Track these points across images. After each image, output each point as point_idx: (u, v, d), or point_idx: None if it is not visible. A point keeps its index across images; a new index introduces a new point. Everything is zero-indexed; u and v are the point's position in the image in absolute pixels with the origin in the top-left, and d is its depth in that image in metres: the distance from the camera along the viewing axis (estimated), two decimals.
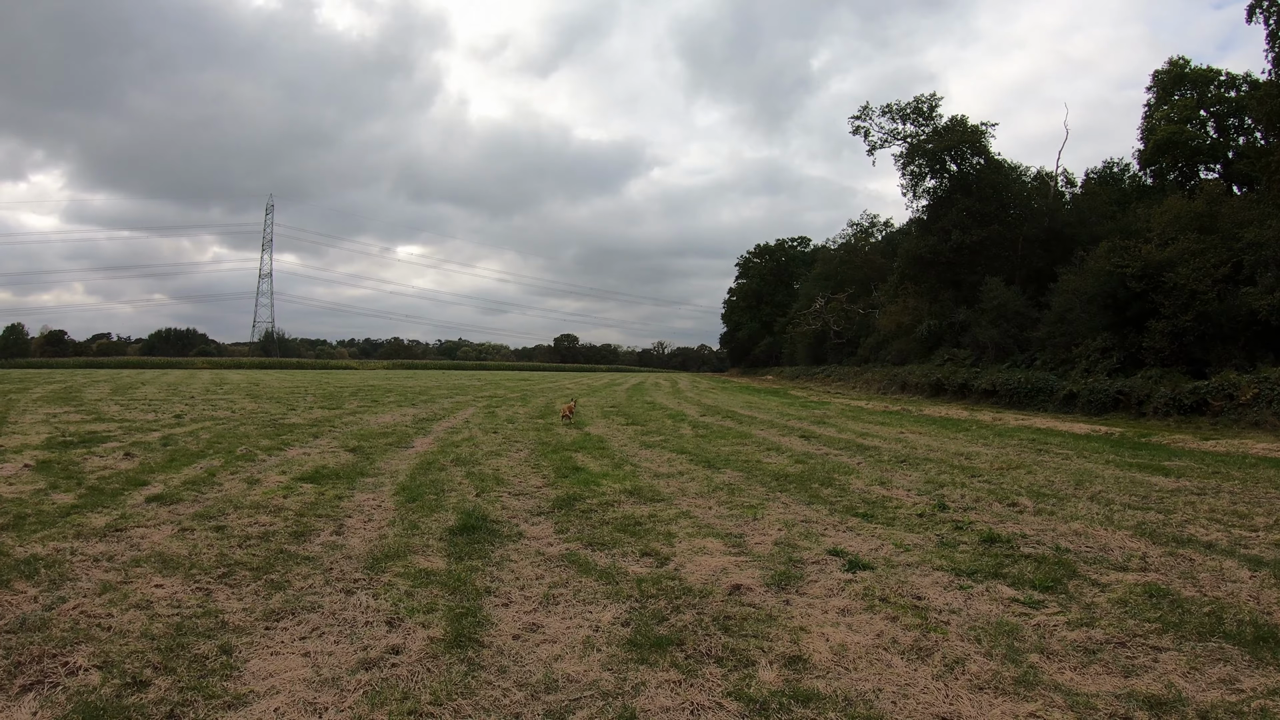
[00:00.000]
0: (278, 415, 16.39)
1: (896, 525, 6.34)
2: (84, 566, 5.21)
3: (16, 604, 4.49)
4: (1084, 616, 4.13)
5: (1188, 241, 21.65)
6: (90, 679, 3.50)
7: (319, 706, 3.10)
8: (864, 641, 3.71)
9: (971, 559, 5.24)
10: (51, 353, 78.11)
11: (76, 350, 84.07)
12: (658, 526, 6.15)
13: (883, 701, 3.08)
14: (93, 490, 7.72)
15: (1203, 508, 7.30)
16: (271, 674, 3.44)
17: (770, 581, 4.66)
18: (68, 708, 3.23)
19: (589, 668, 3.38)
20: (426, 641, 3.67)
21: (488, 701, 3.08)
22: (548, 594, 4.41)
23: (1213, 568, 5.17)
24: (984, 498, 7.59)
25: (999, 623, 3.98)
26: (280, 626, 4.03)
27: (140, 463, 9.45)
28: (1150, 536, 6.02)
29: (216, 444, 11.20)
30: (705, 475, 8.89)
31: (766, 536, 5.86)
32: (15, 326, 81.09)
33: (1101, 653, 3.64)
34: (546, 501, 7.18)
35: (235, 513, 6.71)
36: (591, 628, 3.87)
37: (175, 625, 4.05)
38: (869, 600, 4.30)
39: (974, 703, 3.07)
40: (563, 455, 10.36)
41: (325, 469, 9.06)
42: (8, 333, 79.95)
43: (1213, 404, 17.25)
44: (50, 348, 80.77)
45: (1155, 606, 4.32)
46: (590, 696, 3.09)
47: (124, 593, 4.64)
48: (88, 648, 3.81)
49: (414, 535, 5.80)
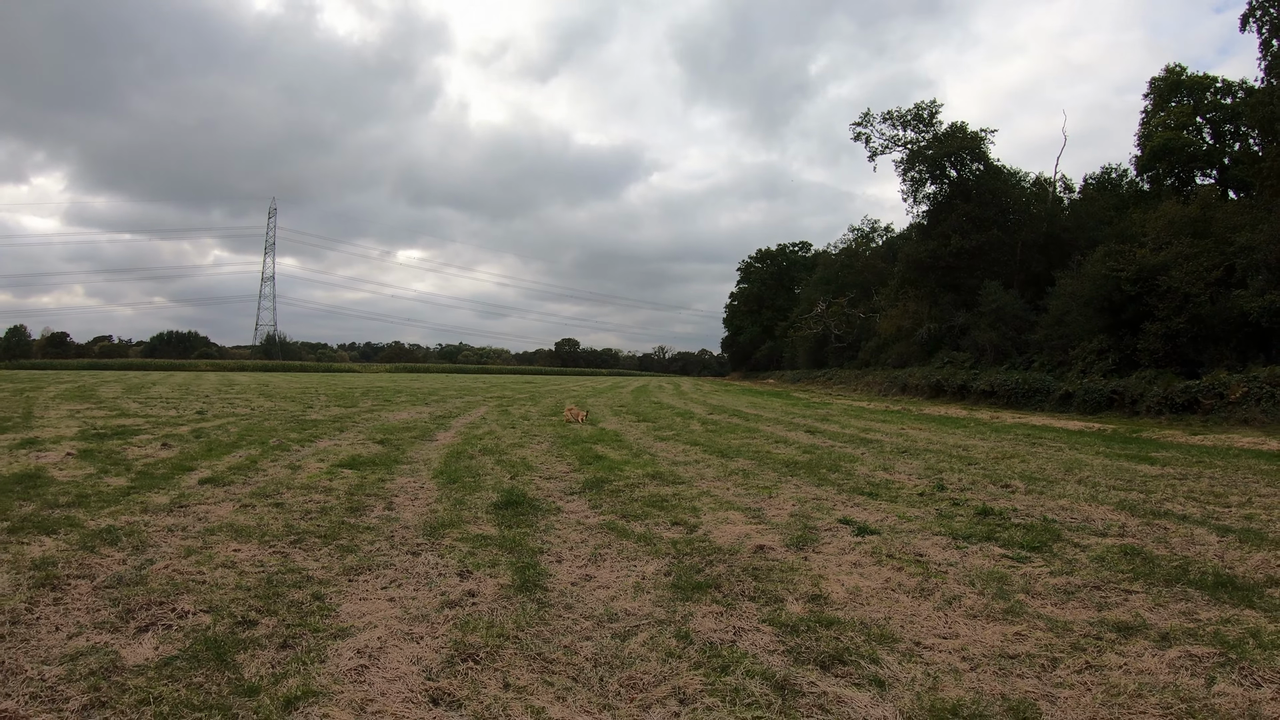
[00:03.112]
0: (297, 412, 16.93)
1: (899, 502, 6.94)
2: (160, 535, 5.73)
3: (106, 565, 5.01)
4: (1065, 568, 4.72)
5: (1181, 246, 22.26)
6: (201, 620, 4.04)
7: (415, 635, 3.67)
8: (874, 585, 4.30)
9: (967, 527, 5.83)
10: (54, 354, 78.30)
11: (78, 352, 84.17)
12: (682, 503, 6.74)
13: (892, 625, 3.67)
14: (142, 475, 8.21)
15: (1182, 489, 7.88)
16: (365, 614, 4.00)
17: (789, 543, 5.25)
18: (186, 642, 3.76)
19: (642, 605, 3.96)
20: (498, 588, 4.25)
21: (561, 628, 3.66)
22: (594, 553, 5.00)
23: (1184, 534, 5.75)
24: (979, 481, 8.19)
25: (990, 572, 4.57)
26: (361, 580, 4.59)
27: (180, 451, 9.96)
28: (1130, 510, 6.60)
29: (247, 436, 11.72)
30: (720, 463, 9.47)
31: (782, 510, 6.46)
32: (18, 328, 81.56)
33: (1079, 593, 4.23)
34: (576, 484, 7.76)
35: (289, 492, 7.25)
36: (638, 577, 4.45)
37: (264, 579, 4.60)
38: (877, 556, 4.90)
39: (969, 626, 3.66)
40: (583, 446, 10.94)
41: (360, 457, 9.61)
42: (10, 334, 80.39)
43: (1203, 402, 17.82)
44: (52, 349, 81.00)
45: (1129, 561, 4.91)
46: (648, 623, 3.68)
47: (207, 555, 5.17)
48: (190, 597, 4.35)
49: (462, 509, 6.37)
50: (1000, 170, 36.90)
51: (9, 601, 4.16)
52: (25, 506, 6.37)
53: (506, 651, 3.33)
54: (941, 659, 3.27)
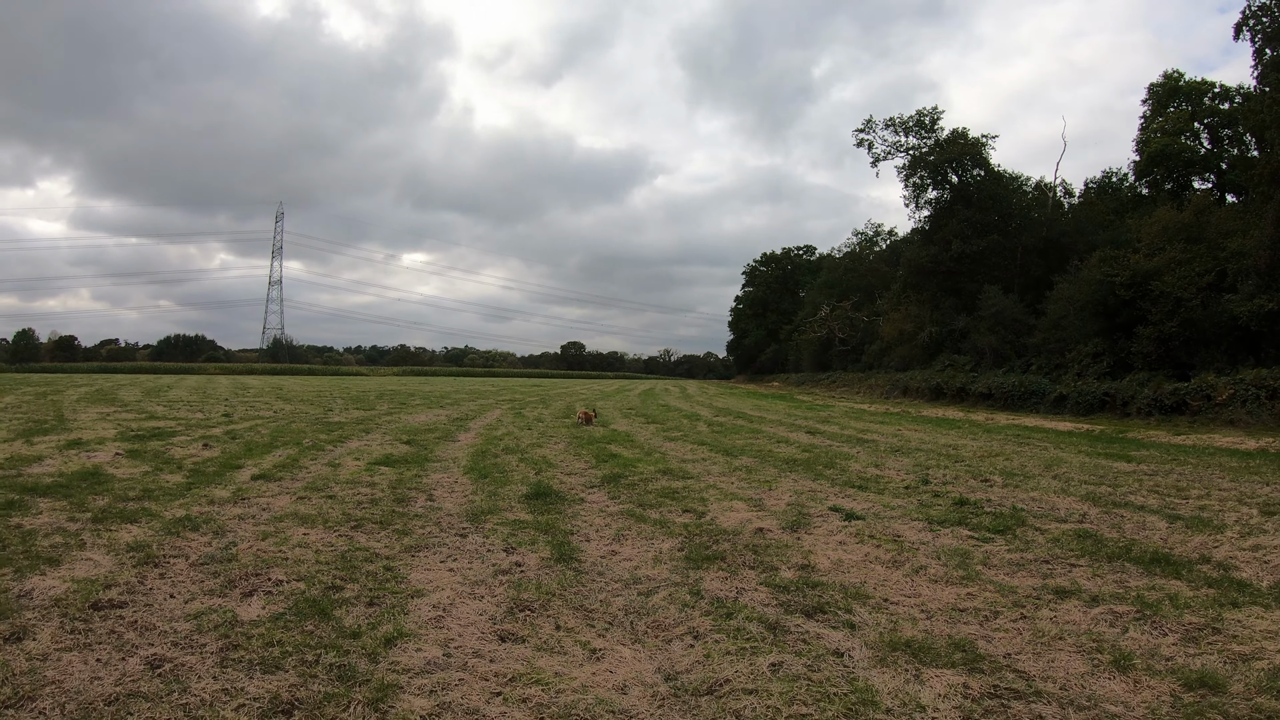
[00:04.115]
0: (319, 415, 17.73)
1: (886, 493, 7.74)
2: (233, 523, 6.51)
3: (194, 547, 5.80)
4: (1022, 547, 5.51)
5: (1174, 251, 22.93)
6: (295, 586, 4.84)
7: (477, 594, 4.48)
8: (854, 558, 5.10)
9: (943, 514, 6.63)
10: (62, 358, 78.83)
11: (86, 355, 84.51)
12: (692, 494, 7.55)
13: (866, 587, 4.47)
14: (195, 472, 8.96)
15: (1149, 484, 8.63)
16: (431, 580, 4.81)
17: (785, 526, 6.06)
18: (289, 603, 4.55)
19: (660, 571, 4.78)
20: (539, 560, 5.07)
21: (596, 589, 4.48)
22: (617, 534, 5.82)
23: (1137, 521, 6.52)
24: (962, 476, 8.98)
25: (955, 549, 5.37)
26: (420, 556, 5.40)
27: (222, 451, 10.72)
28: (1094, 501, 7.38)
29: (280, 437, 12.52)
30: (725, 460, 10.28)
31: (780, 500, 7.27)
32: (25, 332, 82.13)
33: (1028, 566, 5.02)
34: (595, 479, 8.58)
35: (336, 486, 8.06)
36: (656, 552, 5.27)
37: (339, 556, 5.41)
38: (860, 537, 5.70)
39: (930, 588, 4.46)
40: (598, 446, 11.76)
41: (392, 456, 10.42)
42: (18, 338, 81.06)
43: (1191, 404, 18.51)
44: (60, 352, 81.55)
45: (1080, 542, 5.68)
46: (666, 585, 4.49)
47: (282, 538, 5.96)
48: (280, 570, 5.15)
49: (497, 500, 7.20)
50: (1001, 175, 37.67)
51: (120, 576, 4.91)
52: (99, 500, 7.05)
53: (554, 604, 4.15)
54: (903, 611, 4.07)
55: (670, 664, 3.34)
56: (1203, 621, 4.09)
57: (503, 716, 2.90)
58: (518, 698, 3.05)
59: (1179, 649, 3.73)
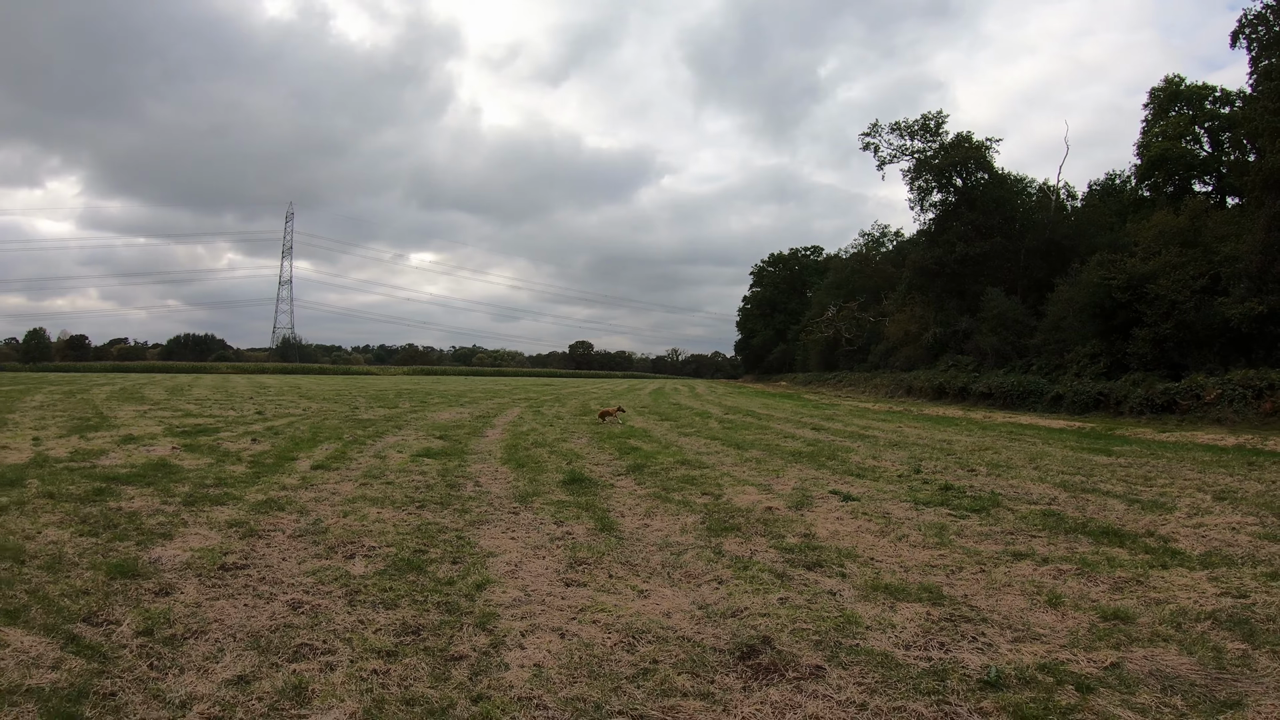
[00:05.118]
0: (348, 413, 18.64)
1: (881, 480, 8.73)
2: (312, 505, 7.45)
3: (286, 524, 6.75)
4: (992, 522, 6.50)
5: (1170, 255, 23.71)
6: (388, 550, 5.81)
7: (539, 555, 5.50)
8: (849, 530, 6.11)
9: (928, 497, 7.62)
10: (73, 357, 79.55)
11: (96, 354, 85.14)
12: (708, 480, 8.56)
13: (857, 550, 5.48)
14: (255, 464, 9.84)
15: (1120, 474, 9.57)
16: (498, 545, 5.82)
17: (791, 505, 7.07)
18: (386, 563, 5.51)
19: (687, 538, 5.80)
20: (585, 530, 6.09)
21: (636, 550, 5.50)
22: (648, 511, 6.84)
23: (1099, 504, 7.48)
24: (951, 466, 9.95)
25: (935, 523, 6.37)
26: (483, 529, 6.41)
27: (272, 446, 11.58)
28: (1065, 488, 8.34)
29: (320, 432, 13.47)
30: (736, 453, 11.28)
31: (787, 485, 8.28)
32: (37, 331, 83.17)
33: (995, 537, 6.01)
34: (621, 468, 9.59)
35: (391, 474, 9.05)
36: (682, 524, 6.30)
37: (415, 528, 6.39)
38: (855, 514, 6.71)
39: (909, 551, 5.46)
40: (619, 440, 12.78)
41: (432, 450, 11.43)
42: (30, 337, 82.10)
43: (1180, 403, 19.35)
44: (71, 352, 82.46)
45: (1044, 519, 6.66)
46: (693, 547, 5.52)
47: (360, 516, 6.93)
48: (369, 540, 6.13)
49: (538, 485, 8.22)
50: (1005, 178, 38.47)
51: (233, 545, 5.77)
52: (181, 487, 7.78)
53: (605, 560, 5.17)
54: (885, 566, 5.07)
55: (702, 599, 4.36)
56: (1131, 577, 5.06)
57: (581, 631, 3.91)
58: (589, 620, 4.07)
59: (1105, 594, 4.70)
